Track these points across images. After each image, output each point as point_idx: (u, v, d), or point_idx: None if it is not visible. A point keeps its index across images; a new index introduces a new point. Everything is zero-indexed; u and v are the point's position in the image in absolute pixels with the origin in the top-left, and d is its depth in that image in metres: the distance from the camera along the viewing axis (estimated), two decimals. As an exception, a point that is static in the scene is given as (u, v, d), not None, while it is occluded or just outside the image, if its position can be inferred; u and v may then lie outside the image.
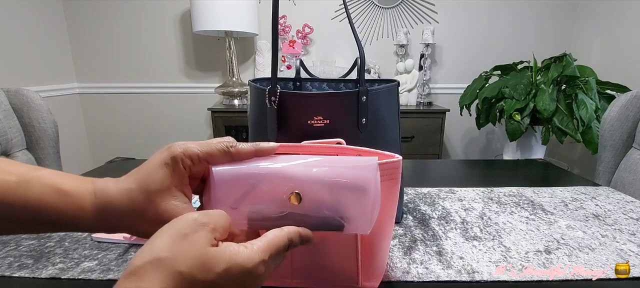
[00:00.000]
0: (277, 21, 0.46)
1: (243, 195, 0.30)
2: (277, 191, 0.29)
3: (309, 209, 0.29)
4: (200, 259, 0.23)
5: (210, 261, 0.23)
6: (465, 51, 2.11)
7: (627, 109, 0.97)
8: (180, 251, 0.23)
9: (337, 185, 0.30)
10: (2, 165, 0.27)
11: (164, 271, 0.22)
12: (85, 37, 2.01)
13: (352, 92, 0.49)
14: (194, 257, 0.23)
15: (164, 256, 0.22)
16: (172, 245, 0.23)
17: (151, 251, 0.23)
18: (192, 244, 0.23)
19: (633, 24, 1.70)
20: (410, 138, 1.83)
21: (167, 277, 0.22)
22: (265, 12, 1.98)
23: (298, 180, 0.29)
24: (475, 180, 0.81)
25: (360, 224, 0.30)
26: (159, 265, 0.22)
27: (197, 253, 0.23)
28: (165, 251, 0.23)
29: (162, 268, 0.22)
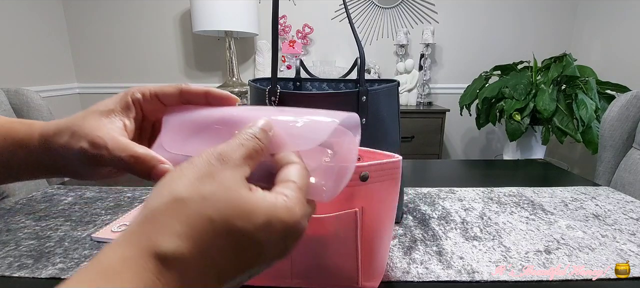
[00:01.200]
0: (277, 21, 0.46)
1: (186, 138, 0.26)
2: (224, 134, 0.25)
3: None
4: (236, 203, 0.18)
5: (249, 207, 0.18)
6: (465, 51, 2.11)
7: (627, 109, 0.97)
8: (209, 193, 0.18)
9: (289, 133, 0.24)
10: None
11: (188, 217, 0.17)
12: (85, 37, 2.02)
13: (352, 92, 0.49)
14: (226, 200, 0.18)
15: (185, 196, 0.18)
16: (196, 185, 0.18)
17: (170, 191, 0.18)
18: (223, 185, 0.18)
19: (633, 24, 1.70)
20: (410, 138, 1.83)
21: (193, 224, 0.17)
22: (265, 12, 1.98)
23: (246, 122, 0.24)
24: (475, 180, 0.81)
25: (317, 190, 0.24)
26: (180, 208, 0.17)
27: (230, 196, 0.18)
28: (186, 191, 0.18)
29: (185, 212, 0.17)
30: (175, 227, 0.17)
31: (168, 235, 0.17)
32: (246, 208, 0.18)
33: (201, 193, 0.18)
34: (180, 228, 0.17)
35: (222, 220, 0.18)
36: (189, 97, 0.28)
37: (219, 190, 0.18)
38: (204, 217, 0.17)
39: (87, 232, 0.52)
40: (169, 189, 0.18)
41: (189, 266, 0.17)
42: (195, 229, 0.17)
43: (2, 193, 0.80)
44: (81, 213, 0.60)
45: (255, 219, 0.18)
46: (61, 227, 0.54)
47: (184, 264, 0.17)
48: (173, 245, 0.17)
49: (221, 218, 0.18)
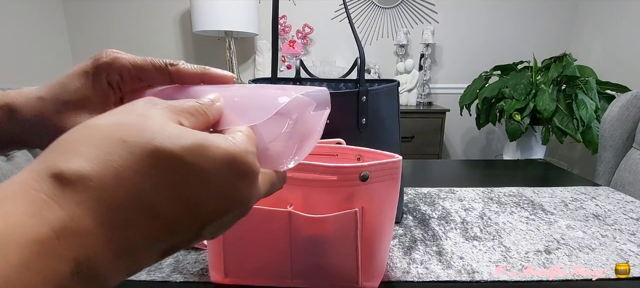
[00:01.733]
0: (277, 21, 0.46)
1: None
2: None
3: None
4: (159, 127, 0.15)
5: (176, 131, 0.16)
6: (465, 51, 2.11)
7: (627, 109, 0.96)
8: (126, 120, 0.15)
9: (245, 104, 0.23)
10: None
11: (96, 139, 0.14)
12: (85, 37, 2.02)
13: (352, 92, 0.49)
14: (147, 126, 0.15)
15: (98, 122, 0.15)
16: (115, 115, 0.16)
17: (87, 122, 0.16)
18: (145, 115, 0.16)
19: (633, 24, 1.70)
20: (410, 138, 1.83)
21: (100, 145, 0.14)
22: (265, 12, 1.98)
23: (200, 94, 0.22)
24: (475, 180, 0.81)
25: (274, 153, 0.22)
26: (88, 132, 0.15)
27: (152, 122, 0.15)
28: (102, 118, 0.15)
29: (92, 135, 0.15)
30: (79, 149, 0.14)
31: (68, 155, 0.14)
32: (173, 132, 0.15)
33: (116, 120, 0.15)
34: (84, 149, 0.14)
35: (142, 140, 0.14)
36: (180, 80, 0.24)
37: (139, 118, 0.15)
38: (114, 138, 0.14)
39: (87, 232, 0.52)
40: (87, 120, 0.16)
41: (102, 190, 0.14)
42: (103, 149, 0.14)
43: (2, 193, 0.80)
44: (81, 213, 0.59)
45: (183, 141, 0.15)
46: (61, 227, 0.54)
47: (94, 187, 0.14)
48: (73, 165, 0.14)
49: (138, 140, 0.14)
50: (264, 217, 0.37)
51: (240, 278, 0.40)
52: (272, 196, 0.25)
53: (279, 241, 0.37)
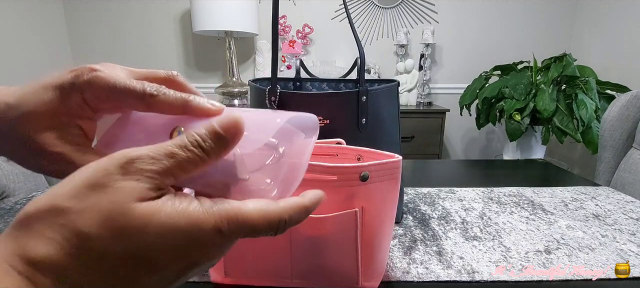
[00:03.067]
0: (277, 21, 0.46)
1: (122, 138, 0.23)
2: (157, 126, 0.23)
3: None
4: (116, 219, 0.16)
5: (132, 224, 0.16)
6: (465, 51, 2.12)
7: (627, 109, 0.97)
8: (91, 205, 0.16)
9: None
10: None
11: (62, 227, 0.16)
12: (85, 37, 2.02)
13: (352, 92, 0.49)
14: (107, 215, 0.16)
15: (65, 206, 0.16)
16: (82, 195, 0.16)
17: (53, 195, 0.16)
18: (110, 197, 0.16)
19: (633, 24, 1.70)
20: (410, 138, 1.83)
21: (66, 235, 0.15)
22: (265, 12, 1.98)
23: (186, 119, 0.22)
24: (475, 180, 0.81)
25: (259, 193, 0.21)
26: (57, 217, 0.16)
27: (113, 210, 0.16)
28: (69, 200, 0.16)
29: (60, 222, 0.16)
30: (49, 235, 0.16)
31: (38, 240, 0.15)
32: (127, 222, 0.16)
33: (81, 203, 0.16)
34: (52, 235, 0.16)
35: (95, 235, 0.16)
36: (159, 110, 0.23)
37: (104, 201, 0.16)
38: (78, 232, 0.16)
39: (87, 232, 0.52)
40: (52, 194, 0.16)
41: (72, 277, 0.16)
42: (69, 241, 0.15)
43: (2, 193, 0.80)
44: (81, 213, 0.59)
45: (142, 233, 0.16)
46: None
47: (63, 274, 0.15)
48: (44, 251, 0.15)
49: (94, 233, 0.16)
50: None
51: (240, 278, 0.40)
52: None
53: (279, 241, 0.37)
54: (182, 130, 0.22)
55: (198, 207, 0.18)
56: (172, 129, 0.22)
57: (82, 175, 0.17)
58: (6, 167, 0.84)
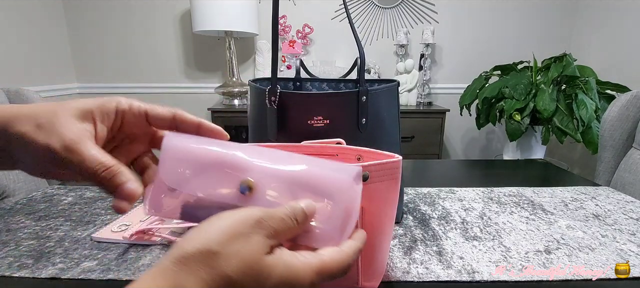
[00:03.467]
0: (277, 21, 0.46)
1: (190, 176, 0.26)
2: (230, 179, 0.25)
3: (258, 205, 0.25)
4: (253, 268, 0.21)
5: (263, 272, 0.21)
6: (465, 51, 2.12)
7: (627, 109, 0.97)
8: (235, 252, 0.21)
9: (300, 183, 0.26)
10: None
11: (213, 269, 0.20)
12: (85, 37, 2.02)
13: (352, 92, 0.49)
14: (246, 262, 0.21)
15: (217, 250, 0.20)
16: (228, 242, 0.21)
17: (206, 239, 0.21)
18: (249, 247, 0.21)
19: (633, 24, 1.70)
20: (410, 138, 1.83)
21: (215, 277, 0.20)
22: (265, 12, 1.98)
23: (253, 170, 0.25)
24: (475, 180, 0.81)
25: (323, 237, 0.25)
26: (209, 259, 0.20)
27: (250, 259, 0.21)
28: (219, 245, 0.21)
29: (211, 265, 0.20)
30: (202, 275, 0.20)
31: (194, 278, 0.20)
32: (260, 271, 0.21)
33: (228, 250, 0.21)
34: (205, 276, 0.20)
35: (238, 280, 0.21)
36: (181, 126, 0.28)
37: (245, 251, 0.21)
38: (225, 275, 0.20)
39: (87, 232, 0.52)
40: (206, 237, 0.21)
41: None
42: (216, 283, 0.20)
43: (2, 193, 0.80)
44: (81, 213, 0.60)
45: (266, 282, 0.21)
46: (61, 227, 0.54)
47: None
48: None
49: (237, 278, 0.21)
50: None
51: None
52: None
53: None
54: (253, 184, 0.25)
55: (298, 262, 0.23)
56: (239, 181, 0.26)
57: (227, 224, 0.22)
58: (6, 167, 0.84)
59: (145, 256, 0.46)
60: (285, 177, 0.26)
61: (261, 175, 0.26)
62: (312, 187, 0.26)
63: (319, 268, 0.23)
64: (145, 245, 0.49)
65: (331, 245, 0.25)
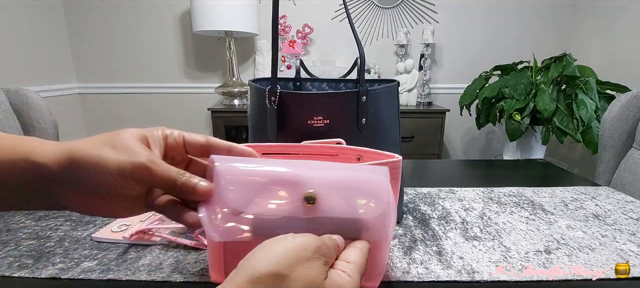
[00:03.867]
0: (277, 21, 0.46)
1: (249, 198, 0.27)
2: (287, 194, 0.27)
3: (322, 214, 0.28)
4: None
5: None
6: (465, 51, 2.12)
7: (627, 109, 0.97)
8: (300, 275, 0.23)
9: (350, 188, 0.29)
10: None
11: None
12: (85, 37, 2.02)
13: (352, 92, 0.49)
14: (309, 285, 0.23)
15: (285, 274, 0.22)
16: (295, 265, 0.23)
17: (275, 261, 0.22)
18: (311, 272, 0.23)
19: (633, 24, 1.70)
20: (410, 138, 1.83)
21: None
22: (265, 12, 1.98)
23: (310, 182, 0.28)
24: (475, 180, 0.81)
25: (378, 231, 0.29)
26: (279, 281, 0.22)
27: (312, 283, 0.23)
28: (288, 268, 0.22)
29: (281, 286, 0.22)
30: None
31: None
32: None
33: (295, 273, 0.22)
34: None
35: None
36: (213, 150, 0.30)
37: (308, 275, 0.23)
38: None
39: (87, 232, 0.52)
40: (275, 259, 0.23)
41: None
42: None
43: (2, 193, 0.80)
44: (81, 213, 0.59)
45: None
46: (61, 227, 0.54)
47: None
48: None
49: None
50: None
51: (240, 278, 0.40)
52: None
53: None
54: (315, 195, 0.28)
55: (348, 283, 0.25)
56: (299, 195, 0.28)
57: (292, 247, 0.24)
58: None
59: (145, 256, 0.46)
60: (335, 185, 0.28)
61: (317, 185, 0.28)
62: (360, 190, 0.29)
63: (358, 283, 0.26)
64: (146, 245, 0.49)
65: (379, 238, 0.30)
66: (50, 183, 0.25)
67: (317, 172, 0.29)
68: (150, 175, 0.26)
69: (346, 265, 0.26)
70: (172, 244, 0.49)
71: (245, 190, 0.27)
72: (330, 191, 0.28)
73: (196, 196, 0.27)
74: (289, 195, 0.27)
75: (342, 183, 0.29)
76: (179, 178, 0.27)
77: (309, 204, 0.27)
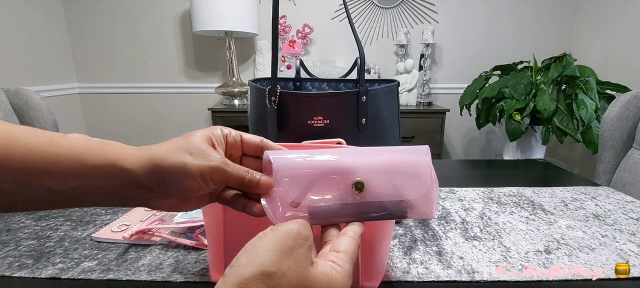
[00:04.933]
0: (277, 21, 0.46)
1: (304, 189, 0.29)
2: (337, 182, 0.30)
3: (370, 199, 0.30)
4: (304, 282, 0.23)
5: (312, 284, 0.24)
6: (465, 51, 2.11)
7: (627, 109, 0.97)
8: (288, 269, 0.23)
9: (394, 172, 0.31)
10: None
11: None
12: (85, 37, 2.02)
13: (352, 92, 0.49)
14: (298, 277, 0.23)
15: (272, 271, 0.22)
16: (280, 260, 0.23)
17: (259, 262, 0.22)
18: (297, 262, 0.23)
19: (633, 24, 1.70)
20: (410, 138, 1.83)
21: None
22: (265, 12, 1.98)
23: (357, 170, 0.30)
24: (475, 180, 0.81)
25: (422, 209, 0.31)
26: (267, 280, 0.22)
27: (301, 274, 0.23)
28: (273, 265, 0.22)
29: (270, 285, 0.22)
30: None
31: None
32: (309, 284, 0.23)
33: (281, 268, 0.23)
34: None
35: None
36: (266, 148, 0.33)
37: (295, 267, 0.23)
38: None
39: (87, 232, 0.52)
40: (259, 260, 0.23)
41: None
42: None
43: (2, 193, 0.80)
44: (81, 213, 0.60)
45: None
46: (61, 227, 0.54)
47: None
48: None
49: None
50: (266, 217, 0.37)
51: (240, 278, 0.40)
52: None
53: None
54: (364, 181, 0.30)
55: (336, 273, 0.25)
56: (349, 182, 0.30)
57: (273, 242, 0.24)
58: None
59: (145, 256, 0.46)
60: (381, 169, 0.30)
61: (365, 172, 0.30)
62: (403, 172, 0.31)
63: (349, 272, 0.26)
64: (145, 245, 0.49)
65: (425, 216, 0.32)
66: (137, 187, 0.27)
67: (363, 159, 0.31)
68: (225, 175, 0.28)
69: (336, 255, 0.26)
70: (172, 244, 0.49)
71: (300, 181, 0.29)
72: (376, 176, 0.30)
73: (259, 190, 0.30)
74: (339, 183, 0.30)
75: (387, 167, 0.31)
76: (245, 176, 0.29)
77: (358, 191, 0.29)
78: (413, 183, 0.31)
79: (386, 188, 0.30)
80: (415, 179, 0.31)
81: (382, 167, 0.31)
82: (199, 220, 0.49)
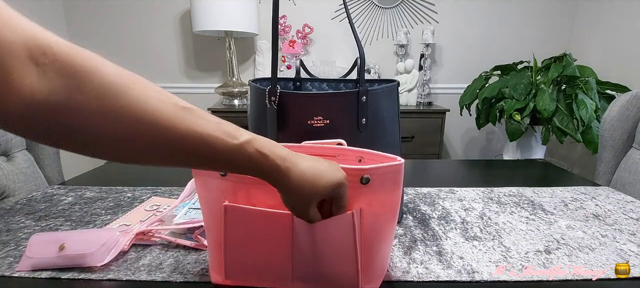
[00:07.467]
0: (277, 21, 0.46)
1: None
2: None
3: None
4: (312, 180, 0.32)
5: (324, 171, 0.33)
6: (465, 51, 2.11)
7: (627, 109, 0.96)
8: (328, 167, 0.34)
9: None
10: None
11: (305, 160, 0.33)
12: (85, 37, 2.01)
13: (352, 92, 0.49)
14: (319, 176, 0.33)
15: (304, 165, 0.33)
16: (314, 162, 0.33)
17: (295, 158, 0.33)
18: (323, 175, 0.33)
19: (633, 24, 1.70)
20: (410, 138, 1.83)
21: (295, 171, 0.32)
22: (265, 12, 1.98)
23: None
24: (475, 180, 0.81)
25: None
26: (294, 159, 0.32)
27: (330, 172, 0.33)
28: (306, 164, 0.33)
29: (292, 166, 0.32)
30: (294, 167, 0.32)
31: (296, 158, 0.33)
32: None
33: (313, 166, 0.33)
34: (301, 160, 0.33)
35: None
36: None
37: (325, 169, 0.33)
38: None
39: (87, 232, 0.52)
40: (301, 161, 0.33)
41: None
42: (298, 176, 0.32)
43: (2, 193, 0.80)
44: (81, 213, 0.60)
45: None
46: (61, 227, 0.54)
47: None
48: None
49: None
50: (266, 219, 0.37)
51: (240, 279, 0.40)
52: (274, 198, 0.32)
53: (280, 243, 0.37)
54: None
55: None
56: None
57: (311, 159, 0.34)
58: (6, 167, 0.84)
59: (145, 256, 0.46)
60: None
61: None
62: None
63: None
64: (145, 245, 0.49)
65: None
66: (276, 174, 0.32)
67: None
68: (344, 188, 0.34)
69: None
70: (172, 244, 0.49)
71: None
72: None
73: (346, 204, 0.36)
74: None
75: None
76: None
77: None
78: None
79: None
80: None
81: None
82: (199, 221, 0.49)
